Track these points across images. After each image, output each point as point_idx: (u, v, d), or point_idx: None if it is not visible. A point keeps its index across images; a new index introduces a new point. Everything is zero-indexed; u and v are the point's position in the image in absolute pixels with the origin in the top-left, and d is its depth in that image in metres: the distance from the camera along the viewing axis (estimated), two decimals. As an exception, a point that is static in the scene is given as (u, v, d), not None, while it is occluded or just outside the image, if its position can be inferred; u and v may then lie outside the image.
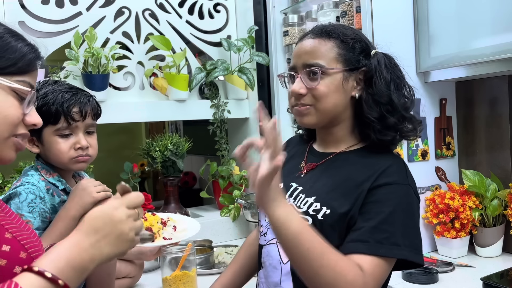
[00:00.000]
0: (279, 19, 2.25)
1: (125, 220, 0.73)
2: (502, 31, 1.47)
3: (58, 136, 1.25)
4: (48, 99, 1.23)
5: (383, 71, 1.01)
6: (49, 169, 1.29)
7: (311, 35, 1.04)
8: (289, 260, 0.98)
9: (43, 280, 0.65)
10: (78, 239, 0.70)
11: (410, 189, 0.97)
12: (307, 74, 1.01)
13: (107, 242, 0.71)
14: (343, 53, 1.01)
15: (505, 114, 1.74)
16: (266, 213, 0.88)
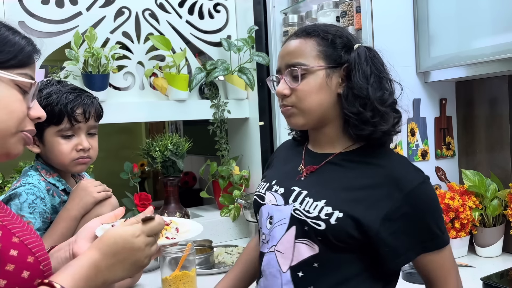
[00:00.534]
0: (279, 19, 2.25)
1: (143, 248, 0.77)
2: (502, 31, 1.47)
3: (60, 137, 1.25)
4: (52, 99, 1.22)
5: (362, 64, 0.99)
6: (49, 169, 1.29)
7: (293, 36, 1.05)
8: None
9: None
10: (96, 260, 0.73)
11: (429, 183, 0.99)
12: (290, 75, 1.01)
13: (122, 267, 0.75)
14: (324, 49, 1.00)
15: (505, 114, 1.75)
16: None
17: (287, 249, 0.99)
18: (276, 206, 1.05)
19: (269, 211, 1.07)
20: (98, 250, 0.74)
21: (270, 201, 1.07)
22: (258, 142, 2.29)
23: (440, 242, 0.97)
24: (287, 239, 1.00)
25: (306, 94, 0.99)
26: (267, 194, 1.09)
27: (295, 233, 0.99)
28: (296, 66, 1.00)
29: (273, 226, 1.04)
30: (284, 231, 1.01)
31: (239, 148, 2.41)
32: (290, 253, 0.99)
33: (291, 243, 0.99)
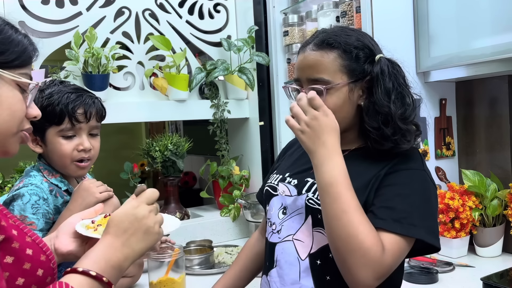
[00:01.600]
0: (279, 19, 2.25)
1: (147, 215, 0.80)
2: (502, 31, 1.47)
3: (62, 137, 1.24)
4: (53, 99, 1.22)
5: (385, 79, 0.98)
6: (52, 170, 1.29)
7: (313, 46, 1.01)
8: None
9: (89, 278, 0.71)
10: (110, 241, 0.76)
11: (426, 175, 0.97)
12: (312, 89, 0.98)
13: (136, 239, 0.78)
14: (346, 63, 0.98)
15: (505, 114, 1.75)
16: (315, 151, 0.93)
17: (307, 237, 1.01)
18: (290, 197, 1.06)
19: (282, 202, 1.08)
20: (108, 233, 0.77)
21: (283, 192, 1.08)
22: (258, 142, 2.29)
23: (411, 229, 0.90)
24: (306, 227, 1.02)
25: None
26: (280, 185, 1.10)
27: (311, 221, 1.01)
28: (317, 83, 0.98)
29: (287, 216, 1.05)
30: (303, 220, 1.02)
31: (239, 148, 2.41)
32: (310, 241, 1.01)
33: (310, 231, 1.01)
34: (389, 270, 0.89)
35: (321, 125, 0.92)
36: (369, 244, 0.86)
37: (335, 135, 0.93)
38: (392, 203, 0.92)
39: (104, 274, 0.72)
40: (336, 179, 0.90)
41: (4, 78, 0.72)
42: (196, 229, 2.09)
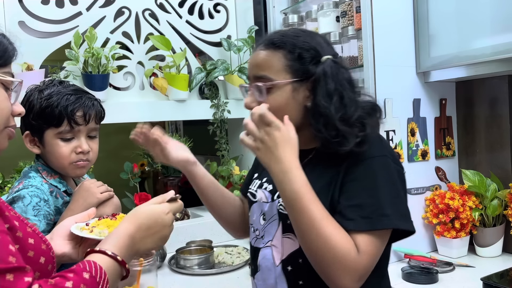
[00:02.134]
0: (279, 19, 2.25)
1: (170, 225, 0.88)
2: (502, 31, 1.47)
3: (60, 139, 1.23)
4: (53, 101, 1.21)
5: (327, 81, 0.97)
6: (50, 170, 1.28)
7: (262, 45, 1.02)
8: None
9: (115, 262, 0.77)
10: (132, 232, 0.82)
11: (387, 159, 0.96)
12: (256, 88, 1.00)
13: (152, 239, 0.85)
14: (290, 64, 0.99)
15: (505, 114, 1.74)
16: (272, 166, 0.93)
17: (279, 243, 1.04)
18: (266, 203, 1.09)
19: (261, 208, 1.10)
20: (133, 223, 0.83)
21: (261, 198, 1.11)
22: (258, 142, 2.28)
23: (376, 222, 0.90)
24: (279, 234, 1.05)
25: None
26: (258, 191, 1.13)
27: (282, 228, 1.03)
28: (262, 80, 0.99)
29: (267, 222, 1.08)
30: (277, 226, 1.05)
31: (239, 148, 2.41)
32: (281, 248, 1.03)
33: (280, 238, 1.04)
34: (369, 269, 0.90)
35: (273, 140, 0.92)
36: (343, 252, 0.87)
37: (290, 148, 0.92)
38: (358, 200, 0.92)
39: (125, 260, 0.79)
40: (297, 193, 0.90)
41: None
42: (196, 229, 2.09)
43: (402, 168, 0.99)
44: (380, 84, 1.67)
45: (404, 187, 0.99)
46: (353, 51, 1.87)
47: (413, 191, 1.77)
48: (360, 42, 1.77)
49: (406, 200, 0.97)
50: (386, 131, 1.69)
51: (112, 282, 0.76)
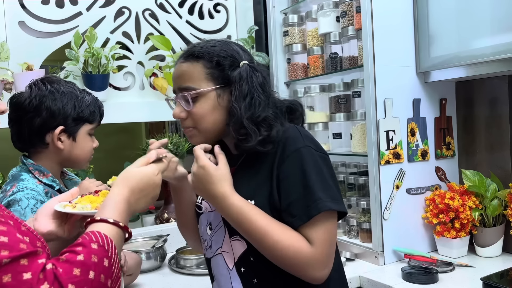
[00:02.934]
0: (279, 19, 2.25)
1: (159, 184, 0.92)
2: (502, 31, 1.47)
3: (90, 136, 1.35)
4: (88, 99, 1.32)
5: (242, 84, 1.04)
6: (43, 170, 1.28)
7: (182, 58, 1.08)
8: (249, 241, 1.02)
9: (117, 228, 0.80)
10: (126, 196, 0.86)
11: (310, 149, 1.01)
12: (183, 98, 1.06)
13: (145, 200, 0.89)
14: (210, 72, 1.05)
15: (505, 114, 1.74)
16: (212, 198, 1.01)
17: (229, 248, 1.08)
18: (212, 213, 1.13)
19: (207, 218, 1.14)
20: (126, 187, 0.87)
21: (206, 208, 1.15)
22: (258, 142, 2.28)
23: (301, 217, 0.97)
24: (227, 239, 1.09)
25: (200, 116, 1.05)
26: (203, 202, 1.17)
27: (228, 232, 1.08)
28: (186, 91, 1.05)
29: (214, 231, 1.12)
30: (224, 232, 1.09)
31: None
32: (231, 252, 1.08)
33: (229, 243, 1.08)
34: (329, 254, 0.98)
35: (199, 178, 1.01)
36: (294, 250, 0.95)
37: (219, 182, 1.00)
38: (294, 195, 0.98)
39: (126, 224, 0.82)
40: (238, 218, 0.98)
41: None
42: (196, 229, 2.08)
43: (326, 154, 1.05)
44: (380, 84, 1.67)
45: (331, 172, 1.04)
46: (353, 51, 1.87)
47: (413, 191, 1.77)
48: (360, 42, 1.77)
49: (335, 184, 1.02)
50: (386, 131, 1.69)
51: (119, 247, 0.78)
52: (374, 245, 1.71)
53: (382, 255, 1.68)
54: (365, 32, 1.68)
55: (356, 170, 2.01)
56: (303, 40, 2.16)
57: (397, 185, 1.72)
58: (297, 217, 0.97)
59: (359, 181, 1.91)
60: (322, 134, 2.03)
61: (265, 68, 1.13)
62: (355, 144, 1.84)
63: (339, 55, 1.95)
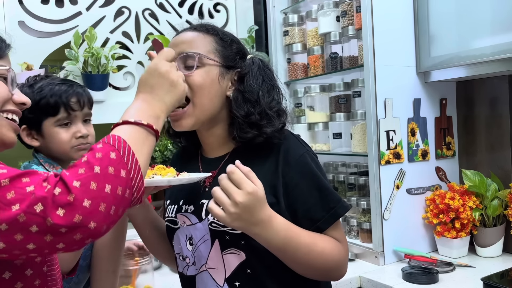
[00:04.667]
0: (279, 19, 2.25)
1: (169, 69, 0.85)
2: (502, 31, 1.47)
3: (59, 127, 1.27)
4: (45, 92, 1.25)
5: (256, 71, 1.02)
6: (52, 162, 1.29)
7: (190, 28, 1.04)
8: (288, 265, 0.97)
9: (139, 127, 0.76)
10: (142, 98, 0.82)
11: (310, 153, 1.01)
12: (183, 62, 0.97)
13: (164, 91, 0.83)
14: (220, 49, 1.01)
15: (505, 114, 1.74)
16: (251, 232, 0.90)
17: (217, 263, 0.99)
18: (192, 226, 1.02)
19: (186, 233, 1.04)
20: (139, 92, 0.83)
21: (184, 222, 1.04)
22: (258, 142, 2.28)
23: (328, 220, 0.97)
24: (215, 254, 0.99)
25: (198, 86, 0.96)
26: (178, 216, 1.06)
27: (219, 246, 0.99)
28: (192, 54, 0.97)
29: (195, 246, 1.02)
30: (210, 247, 1.00)
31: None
32: (222, 267, 0.99)
33: (220, 257, 0.99)
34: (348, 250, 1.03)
35: (248, 206, 0.85)
36: (337, 253, 0.96)
37: (264, 205, 0.88)
38: (312, 200, 0.97)
39: (151, 123, 0.77)
40: (286, 238, 0.90)
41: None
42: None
43: (315, 155, 1.05)
44: (380, 84, 1.67)
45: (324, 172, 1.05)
46: (353, 51, 1.87)
47: (413, 191, 1.77)
48: (360, 42, 1.77)
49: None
50: (387, 131, 1.69)
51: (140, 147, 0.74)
52: (375, 245, 1.71)
53: (382, 255, 1.68)
54: (365, 32, 1.67)
55: (356, 170, 2.01)
56: (303, 40, 2.16)
57: (397, 185, 1.72)
58: (322, 220, 0.96)
59: (359, 181, 1.91)
60: (322, 134, 2.03)
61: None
62: (355, 144, 1.84)
63: (339, 55, 1.95)
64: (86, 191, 0.64)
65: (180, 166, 1.10)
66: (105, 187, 0.66)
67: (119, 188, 0.67)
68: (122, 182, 0.68)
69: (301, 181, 0.97)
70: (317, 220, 0.96)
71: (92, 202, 0.64)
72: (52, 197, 0.63)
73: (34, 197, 0.63)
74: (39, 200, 0.63)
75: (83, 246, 0.67)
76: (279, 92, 1.05)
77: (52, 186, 0.64)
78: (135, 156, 0.71)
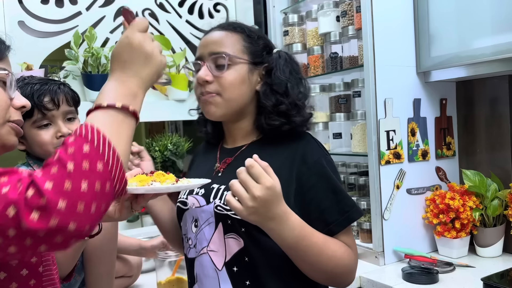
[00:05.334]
0: (279, 19, 2.25)
1: (143, 41, 0.77)
2: (502, 31, 1.47)
3: (37, 128, 1.23)
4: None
5: (283, 65, 1.05)
6: (40, 163, 1.27)
7: (218, 27, 1.07)
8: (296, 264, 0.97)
9: (113, 111, 0.70)
10: (116, 76, 0.76)
11: (327, 156, 1.04)
12: (214, 62, 1.02)
13: (139, 66, 0.76)
14: (248, 46, 1.05)
15: (505, 114, 1.74)
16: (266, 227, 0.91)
17: (219, 246, 1.01)
18: (200, 208, 1.06)
19: (193, 215, 1.07)
20: (112, 70, 0.77)
21: (193, 204, 1.08)
22: (258, 142, 2.28)
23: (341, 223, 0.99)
24: (218, 236, 1.01)
25: (229, 84, 1.01)
26: (189, 198, 1.09)
27: (222, 229, 1.01)
28: (221, 55, 1.02)
29: (199, 228, 1.04)
30: (213, 230, 1.02)
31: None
32: (223, 250, 1.01)
33: (222, 240, 1.01)
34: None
35: (266, 201, 0.86)
36: (348, 258, 0.97)
37: (281, 201, 0.89)
38: (327, 202, 0.98)
39: (124, 104, 0.71)
40: (299, 236, 0.91)
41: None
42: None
43: (331, 158, 1.07)
44: (380, 84, 1.67)
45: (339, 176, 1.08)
46: (353, 51, 1.87)
47: (413, 191, 1.77)
48: (360, 42, 1.77)
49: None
50: (387, 131, 1.69)
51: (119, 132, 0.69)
52: (375, 245, 1.71)
53: (382, 255, 1.68)
54: (365, 32, 1.67)
55: (356, 170, 2.01)
56: (303, 40, 2.16)
57: (397, 185, 1.72)
58: (335, 223, 0.97)
59: (359, 181, 1.91)
60: (322, 134, 2.03)
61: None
62: (355, 144, 1.84)
63: (339, 55, 1.95)
64: (60, 191, 0.59)
65: (202, 158, 1.18)
66: (81, 185, 0.60)
67: (97, 183, 0.62)
68: (100, 176, 0.62)
69: (317, 183, 0.99)
70: (331, 223, 0.97)
71: (68, 203, 0.59)
72: (24, 200, 0.58)
73: (7, 200, 0.58)
74: (11, 203, 0.58)
75: (69, 247, 0.63)
76: (306, 86, 1.08)
77: (23, 188, 0.59)
78: (112, 145, 0.65)
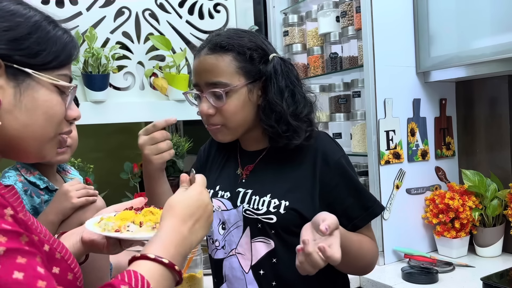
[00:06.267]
0: (279, 19, 2.25)
1: (209, 202, 0.77)
2: (502, 31, 1.47)
3: None
4: None
5: (278, 78, 1.00)
6: (29, 167, 1.25)
7: (207, 50, 1.01)
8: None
9: (160, 266, 0.65)
10: (177, 226, 0.71)
11: (345, 156, 1.06)
12: (212, 94, 1.00)
13: (200, 225, 0.74)
14: (242, 65, 1.00)
15: (505, 114, 1.75)
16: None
17: (246, 250, 1.04)
18: (227, 211, 1.07)
19: (220, 217, 1.09)
20: (175, 217, 0.72)
21: (219, 207, 1.09)
22: (258, 142, 2.28)
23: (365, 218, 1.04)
24: (245, 240, 1.04)
25: (232, 114, 1.00)
26: (214, 200, 1.11)
27: (250, 233, 1.03)
28: (217, 86, 0.98)
29: (227, 231, 1.07)
30: (241, 233, 1.05)
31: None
32: (249, 254, 1.04)
33: (249, 244, 1.04)
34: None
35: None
36: (376, 251, 1.05)
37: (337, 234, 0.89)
38: (350, 200, 1.02)
39: (174, 262, 0.67)
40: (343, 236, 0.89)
41: (41, 82, 0.67)
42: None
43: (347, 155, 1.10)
44: (380, 84, 1.67)
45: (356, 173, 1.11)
46: (353, 51, 1.87)
47: (413, 191, 1.77)
48: (360, 42, 1.77)
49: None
50: (386, 131, 1.69)
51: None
52: (374, 245, 1.71)
53: (382, 255, 1.68)
54: (365, 32, 1.68)
55: (356, 170, 2.01)
56: (303, 40, 2.16)
57: (397, 185, 1.72)
58: (360, 218, 1.02)
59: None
60: (322, 134, 2.03)
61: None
62: (355, 144, 1.84)
63: (339, 55, 1.95)
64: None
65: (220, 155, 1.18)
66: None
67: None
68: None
69: (340, 182, 1.02)
70: (355, 218, 1.01)
71: None
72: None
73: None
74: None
75: None
76: (303, 93, 1.04)
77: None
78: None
